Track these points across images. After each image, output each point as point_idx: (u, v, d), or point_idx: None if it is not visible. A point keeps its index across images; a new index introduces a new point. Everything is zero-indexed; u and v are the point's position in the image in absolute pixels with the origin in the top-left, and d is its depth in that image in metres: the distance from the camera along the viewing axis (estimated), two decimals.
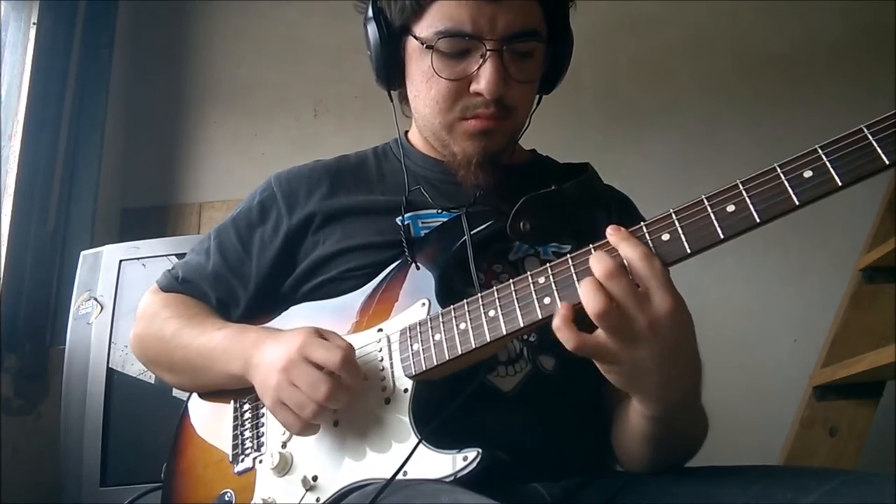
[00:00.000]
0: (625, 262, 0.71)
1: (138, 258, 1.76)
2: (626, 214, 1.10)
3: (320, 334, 0.88)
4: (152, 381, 1.68)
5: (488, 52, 0.92)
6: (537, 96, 1.07)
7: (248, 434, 0.95)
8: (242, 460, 0.93)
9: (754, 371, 2.15)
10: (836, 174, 0.67)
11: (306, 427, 0.85)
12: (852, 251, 2.06)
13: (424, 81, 0.98)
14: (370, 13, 1.01)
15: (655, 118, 2.43)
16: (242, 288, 1.07)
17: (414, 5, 0.96)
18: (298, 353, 0.84)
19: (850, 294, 1.97)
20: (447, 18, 0.93)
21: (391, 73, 1.03)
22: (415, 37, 0.97)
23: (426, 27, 0.95)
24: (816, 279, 2.20)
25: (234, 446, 0.95)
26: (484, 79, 0.93)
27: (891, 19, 2.27)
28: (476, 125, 0.96)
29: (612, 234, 0.74)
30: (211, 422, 1.02)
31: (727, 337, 2.12)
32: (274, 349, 0.88)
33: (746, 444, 2.00)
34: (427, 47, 0.95)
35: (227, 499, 0.91)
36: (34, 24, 2.16)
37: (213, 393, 1.03)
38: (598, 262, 0.71)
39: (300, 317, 1.01)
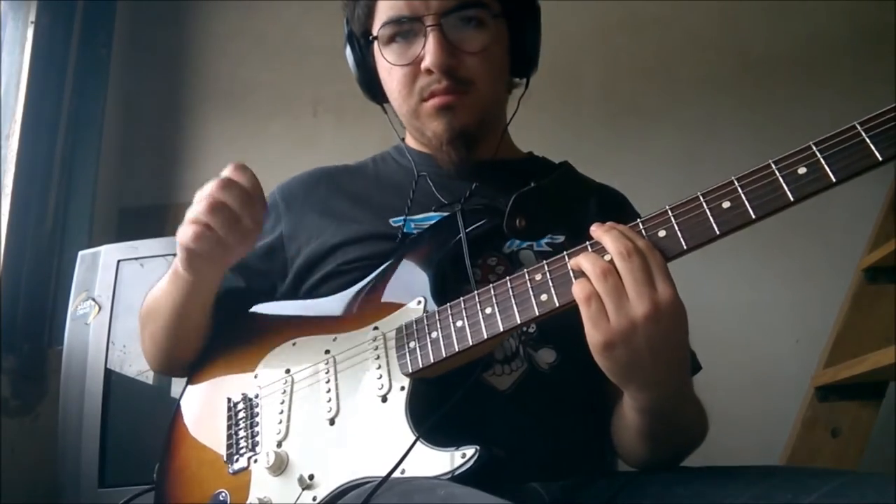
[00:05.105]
0: (625, 250, 0.72)
1: (136, 258, 1.75)
2: (622, 211, 1.11)
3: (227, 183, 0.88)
4: (150, 382, 1.67)
5: (428, 28, 0.97)
6: (523, 80, 1.10)
7: (242, 434, 0.94)
8: (237, 460, 0.92)
9: (756, 372, 2.14)
10: (830, 170, 0.67)
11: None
12: (854, 251, 2.05)
13: (387, 76, 1.04)
14: (345, 37, 1.09)
15: (656, 118, 2.42)
16: (235, 271, 1.08)
17: (364, 10, 1.03)
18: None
19: (852, 294, 1.96)
20: (388, 10, 1.00)
21: (373, 86, 1.09)
22: (373, 38, 1.03)
23: (377, 26, 1.02)
24: (818, 279, 2.19)
25: (229, 446, 0.94)
26: (427, 53, 0.97)
27: (891, 19, 2.26)
28: (435, 103, 1.00)
29: (609, 228, 0.75)
30: (204, 421, 1.01)
31: (729, 338, 2.11)
32: None
33: (748, 445, 1.99)
34: (374, 40, 1.02)
35: (221, 499, 0.90)
36: (32, 22, 2.16)
37: (204, 387, 1.02)
38: (589, 263, 0.73)
39: (296, 313, 1.02)
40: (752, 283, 2.21)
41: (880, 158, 0.66)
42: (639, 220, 0.76)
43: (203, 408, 1.02)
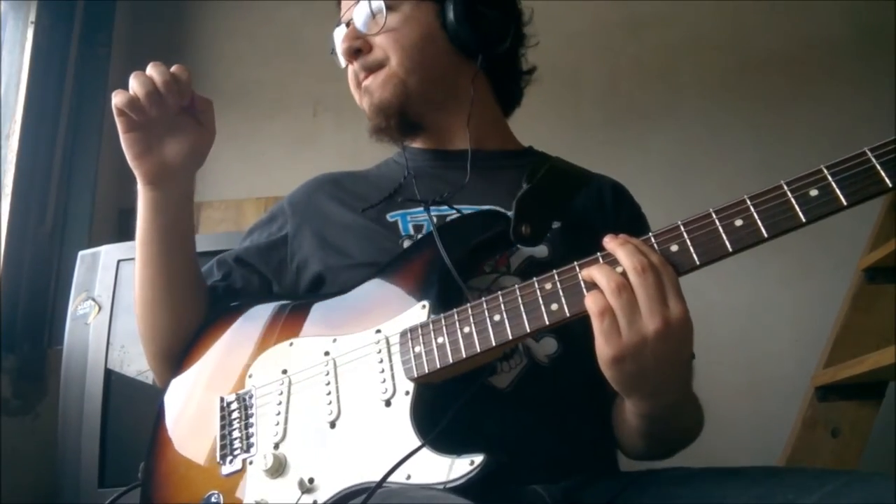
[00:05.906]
0: (640, 265, 0.72)
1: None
2: (619, 198, 1.13)
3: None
4: (150, 382, 1.67)
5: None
6: (483, 58, 1.11)
7: (236, 434, 0.92)
8: (231, 461, 0.90)
9: (756, 372, 2.14)
10: (842, 194, 0.69)
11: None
12: (854, 251, 2.05)
13: None
14: None
15: (656, 117, 2.43)
16: (236, 262, 1.12)
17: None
18: None
19: (851, 294, 1.96)
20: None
21: None
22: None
23: None
24: (818, 279, 2.19)
25: (222, 447, 0.91)
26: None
27: (891, 19, 2.26)
28: (361, 88, 1.10)
29: (624, 241, 0.76)
30: (194, 420, 0.98)
31: (729, 337, 2.11)
32: None
33: (748, 445, 1.99)
34: (333, 53, 1.16)
35: (214, 500, 0.87)
36: (32, 23, 2.16)
37: (193, 384, 1.01)
38: (603, 276, 0.73)
39: (292, 313, 1.01)
40: (752, 283, 2.21)
41: (890, 185, 0.67)
42: (650, 233, 0.77)
43: (193, 406, 0.99)
